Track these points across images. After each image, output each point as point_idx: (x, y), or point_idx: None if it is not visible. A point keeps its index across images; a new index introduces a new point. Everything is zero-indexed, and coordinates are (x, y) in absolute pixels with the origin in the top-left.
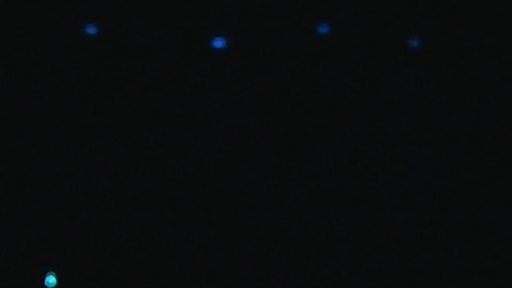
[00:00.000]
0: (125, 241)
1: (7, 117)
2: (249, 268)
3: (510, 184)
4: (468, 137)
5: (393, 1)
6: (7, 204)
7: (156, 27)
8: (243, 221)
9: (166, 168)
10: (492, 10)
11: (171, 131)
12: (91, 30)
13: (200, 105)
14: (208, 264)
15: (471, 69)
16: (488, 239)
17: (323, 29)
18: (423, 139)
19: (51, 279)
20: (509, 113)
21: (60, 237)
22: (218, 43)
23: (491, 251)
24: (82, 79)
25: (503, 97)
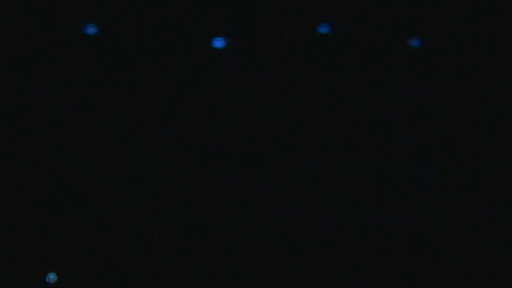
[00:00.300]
0: (125, 241)
1: (7, 117)
2: (249, 268)
3: (510, 184)
4: (468, 137)
5: (393, 1)
6: (7, 204)
7: (156, 27)
8: (243, 221)
9: (166, 168)
10: (492, 10)
11: (171, 131)
12: (91, 30)
13: (200, 105)
14: (208, 264)
15: (471, 69)
16: (488, 239)
17: (323, 29)
18: (423, 139)
19: (51, 278)
20: (509, 113)
21: (60, 237)
22: (218, 43)
23: (491, 251)
24: (82, 79)
25: (503, 97)
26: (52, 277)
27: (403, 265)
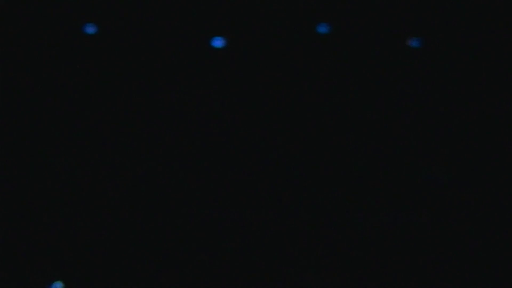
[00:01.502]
0: (125, 241)
1: (7, 117)
2: (249, 268)
3: (510, 184)
4: (468, 137)
5: (393, 1)
6: (7, 204)
7: (156, 27)
8: (243, 221)
9: (166, 168)
10: (492, 10)
11: (171, 131)
12: (91, 29)
13: (199, 104)
14: (208, 264)
15: (471, 69)
16: (488, 239)
17: (323, 29)
18: (423, 139)
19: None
20: (509, 113)
21: (60, 238)
22: (218, 43)
23: (491, 251)
24: (81, 79)
25: (503, 97)
26: (58, 286)
27: (403, 265)
